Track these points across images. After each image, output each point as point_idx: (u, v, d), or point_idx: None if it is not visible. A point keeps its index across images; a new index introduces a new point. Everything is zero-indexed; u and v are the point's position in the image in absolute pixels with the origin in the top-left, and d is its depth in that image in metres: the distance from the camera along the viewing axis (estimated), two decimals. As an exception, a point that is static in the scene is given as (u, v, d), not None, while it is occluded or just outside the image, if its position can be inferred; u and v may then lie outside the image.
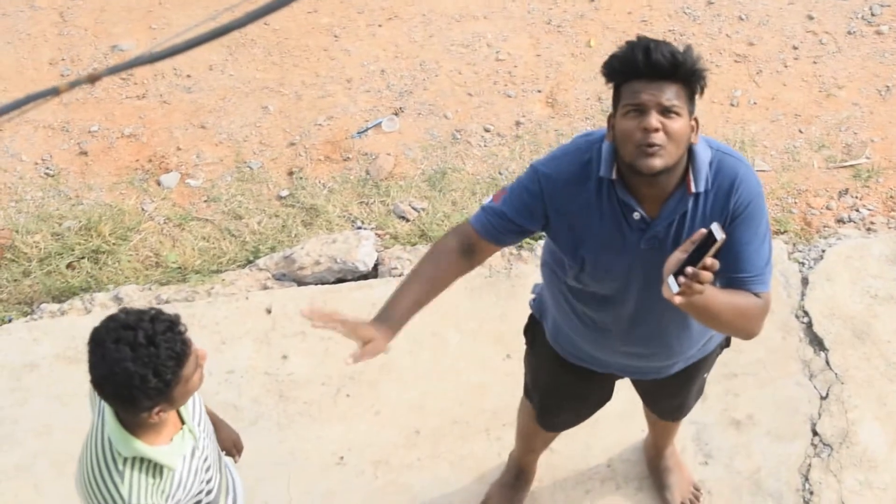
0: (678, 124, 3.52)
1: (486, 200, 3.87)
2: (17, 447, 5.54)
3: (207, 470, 3.81)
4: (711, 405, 5.54)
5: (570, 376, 4.42)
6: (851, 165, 6.54)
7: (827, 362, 5.67)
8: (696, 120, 3.62)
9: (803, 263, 6.05)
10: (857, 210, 6.34)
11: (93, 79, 1.94)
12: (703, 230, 3.38)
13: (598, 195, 3.71)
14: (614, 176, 3.67)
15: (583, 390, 4.55)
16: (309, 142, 6.80)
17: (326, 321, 3.58)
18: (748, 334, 3.82)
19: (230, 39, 7.22)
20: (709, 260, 3.36)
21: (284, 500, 5.33)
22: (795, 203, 6.38)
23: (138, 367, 3.33)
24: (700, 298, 3.46)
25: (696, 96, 3.62)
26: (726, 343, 4.48)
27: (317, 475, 5.40)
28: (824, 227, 6.27)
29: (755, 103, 6.86)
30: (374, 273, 6.17)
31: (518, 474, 5.26)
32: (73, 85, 1.92)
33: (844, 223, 6.30)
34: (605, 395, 4.67)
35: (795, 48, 7.12)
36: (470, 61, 7.17)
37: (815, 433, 5.45)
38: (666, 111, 3.51)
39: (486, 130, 6.81)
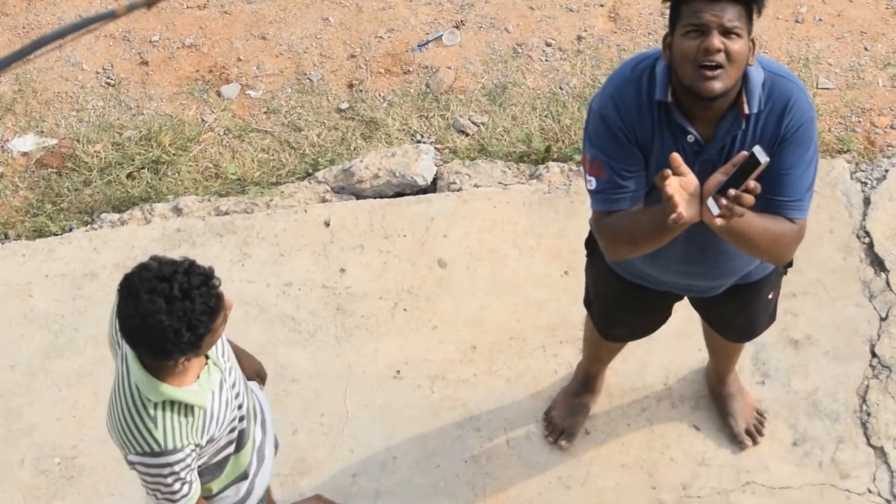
0: (738, 45, 3.50)
1: (591, 185, 3.81)
2: (78, 355, 5.61)
3: (237, 397, 3.84)
4: (769, 325, 5.52)
5: (627, 292, 4.41)
6: (918, 84, 6.46)
7: (887, 283, 5.62)
8: (753, 41, 3.59)
9: (866, 183, 5.98)
10: (923, 130, 6.27)
11: (150, 3, 1.93)
12: (745, 152, 3.36)
13: (657, 120, 3.69)
14: (670, 98, 3.65)
15: (638, 306, 4.55)
16: (369, 54, 6.77)
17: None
18: (779, 260, 3.83)
19: (291, -50, 7.18)
20: (752, 183, 3.34)
21: (341, 412, 5.38)
22: (859, 122, 6.31)
23: (173, 320, 3.33)
24: (737, 223, 3.46)
25: (755, 16, 3.59)
26: (789, 263, 4.45)
27: (373, 389, 5.44)
28: (888, 146, 6.19)
29: (820, 20, 6.76)
30: (432, 187, 6.16)
31: (584, 382, 5.27)
32: (131, 9, 1.92)
33: (909, 142, 6.22)
34: (662, 315, 4.66)
35: (864, -37, 7.00)
36: (532, -26, 7.10)
37: (873, 354, 5.43)
38: (727, 32, 3.49)
39: (548, 45, 6.75)
